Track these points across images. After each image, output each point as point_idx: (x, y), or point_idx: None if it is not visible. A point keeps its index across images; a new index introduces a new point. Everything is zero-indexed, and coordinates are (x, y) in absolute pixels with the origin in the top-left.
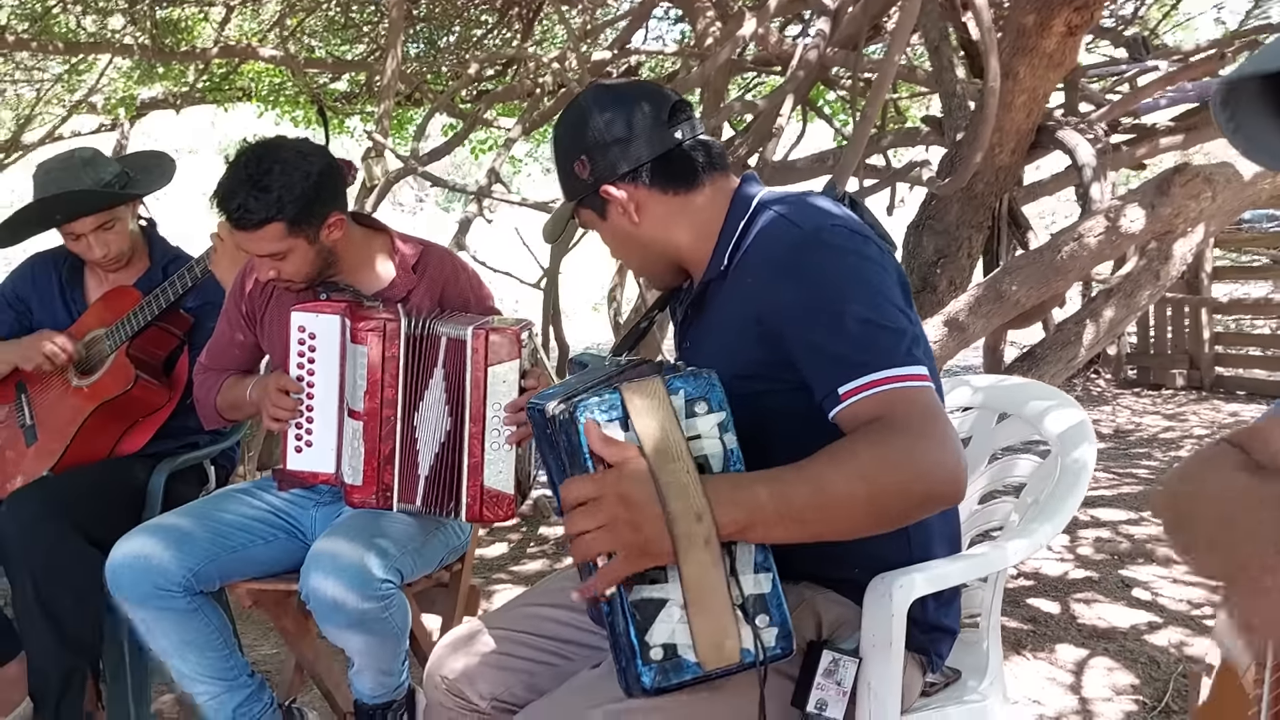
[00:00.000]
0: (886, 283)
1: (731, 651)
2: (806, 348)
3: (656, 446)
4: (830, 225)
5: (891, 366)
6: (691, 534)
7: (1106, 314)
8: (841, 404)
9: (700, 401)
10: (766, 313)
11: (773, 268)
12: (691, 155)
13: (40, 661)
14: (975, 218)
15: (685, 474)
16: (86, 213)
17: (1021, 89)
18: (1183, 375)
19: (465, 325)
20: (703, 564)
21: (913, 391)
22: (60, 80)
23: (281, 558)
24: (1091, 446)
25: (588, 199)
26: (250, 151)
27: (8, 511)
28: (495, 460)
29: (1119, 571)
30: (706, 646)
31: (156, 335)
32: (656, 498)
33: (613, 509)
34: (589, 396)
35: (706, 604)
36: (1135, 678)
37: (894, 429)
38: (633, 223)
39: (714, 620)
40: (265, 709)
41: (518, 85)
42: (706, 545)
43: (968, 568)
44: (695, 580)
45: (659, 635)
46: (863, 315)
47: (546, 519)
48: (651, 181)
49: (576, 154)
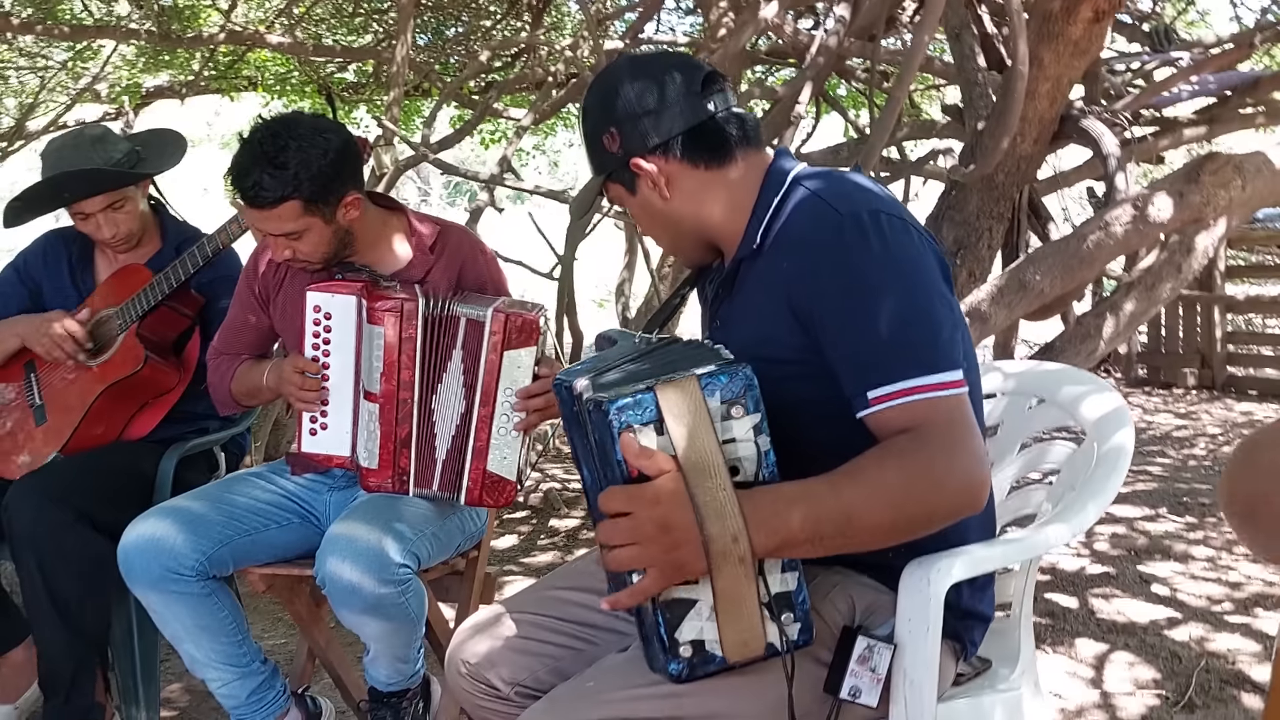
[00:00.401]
0: (924, 273)
1: (757, 648)
2: (838, 342)
3: (693, 461)
4: (869, 210)
5: (923, 373)
6: (727, 553)
7: (1127, 307)
8: (870, 408)
9: (736, 404)
10: (800, 299)
11: (808, 252)
12: (725, 128)
13: (49, 651)
14: (996, 208)
15: (721, 491)
16: (96, 192)
17: (1046, 77)
18: (1194, 374)
19: (484, 306)
20: (735, 578)
21: (941, 403)
22: (65, 68)
23: (295, 542)
24: (1130, 432)
25: (617, 173)
26: (265, 128)
27: (15, 497)
28: (500, 445)
29: (1137, 567)
30: (733, 644)
31: (167, 315)
32: (694, 520)
33: (648, 528)
34: (622, 392)
35: (736, 611)
36: (1157, 672)
37: (923, 446)
38: (663, 198)
39: (742, 623)
40: (279, 696)
41: (529, 74)
42: (740, 563)
43: (1007, 552)
44: (727, 592)
45: (687, 633)
46: (898, 310)
47: (557, 511)
48: (683, 154)
49: (606, 126)
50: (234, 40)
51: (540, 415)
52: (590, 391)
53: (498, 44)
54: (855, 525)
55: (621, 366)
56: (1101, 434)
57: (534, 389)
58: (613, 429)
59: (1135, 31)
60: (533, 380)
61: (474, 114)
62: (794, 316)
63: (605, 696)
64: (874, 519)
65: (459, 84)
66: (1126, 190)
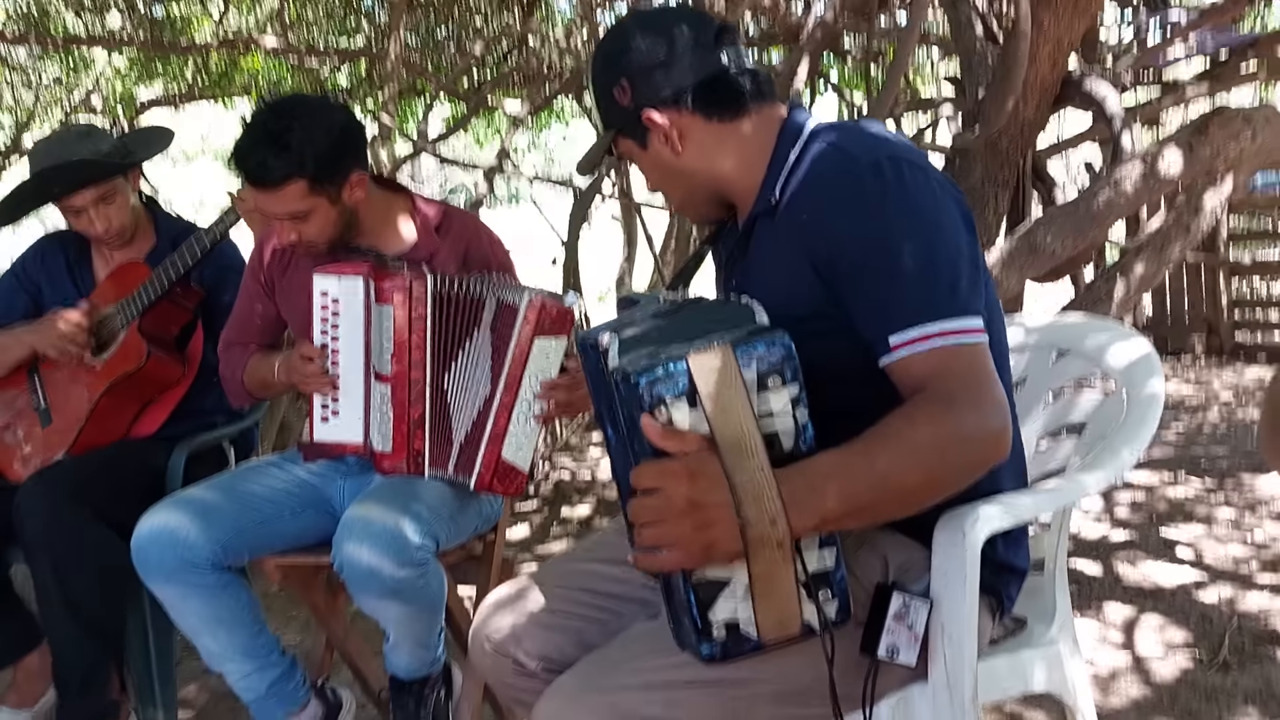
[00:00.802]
0: (945, 219)
1: (793, 628)
2: (859, 289)
3: (729, 440)
4: (889, 157)
5: (944, 318)
6: (764, 537)
7: (1137, 269)
8: (892, 354)
9: (774, 374)
10: (820, 250)
11: (827, 202)
12: (738, 81)
13: (62, 649)
14: (1000, 175)
15: (759, 472)
16: (85, 184)
17: (1046, 39)
18: (1201, 341)
19: (520, 291)
20: (772, 561)
21: (964, 350)
22: (59, 82)
23: (310, 531)
24: (1160, 379)
25: (627, 127)
26: (269, 108)
27: (26, 496)
28: (518, 433)
29: (1160, 531)
30: (769, 625)
31: (168, 310)
32: (729, 500)
33: (682, 506)
34: (652, 362)
35: (772, 593)
36: (1189, 634)
37: (950, 403)
38: (675, 151)
39: (778, 604)
40: (298, 687)
41: (522, 65)
42: (779, 546)
43: (1043, 500)
44: (763, 575)
45: (721, 613)
46: (919, 256)
47: (568, 500)
48: (695, 107)
49: (616, 78)
50: (227, 46)
51: (561, 408)
52: (617, 359)
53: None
54: (891, 491)
55: (648, 324)
56: (1131, 380)
57: (560, 381)
58: (643, 401)
59: None
60: (560, 373)
61: (469, 107)
62: (814, 270)
63: (635, 664)
64: (909, 482)
65: (453, 78)
66: (1132, 151)
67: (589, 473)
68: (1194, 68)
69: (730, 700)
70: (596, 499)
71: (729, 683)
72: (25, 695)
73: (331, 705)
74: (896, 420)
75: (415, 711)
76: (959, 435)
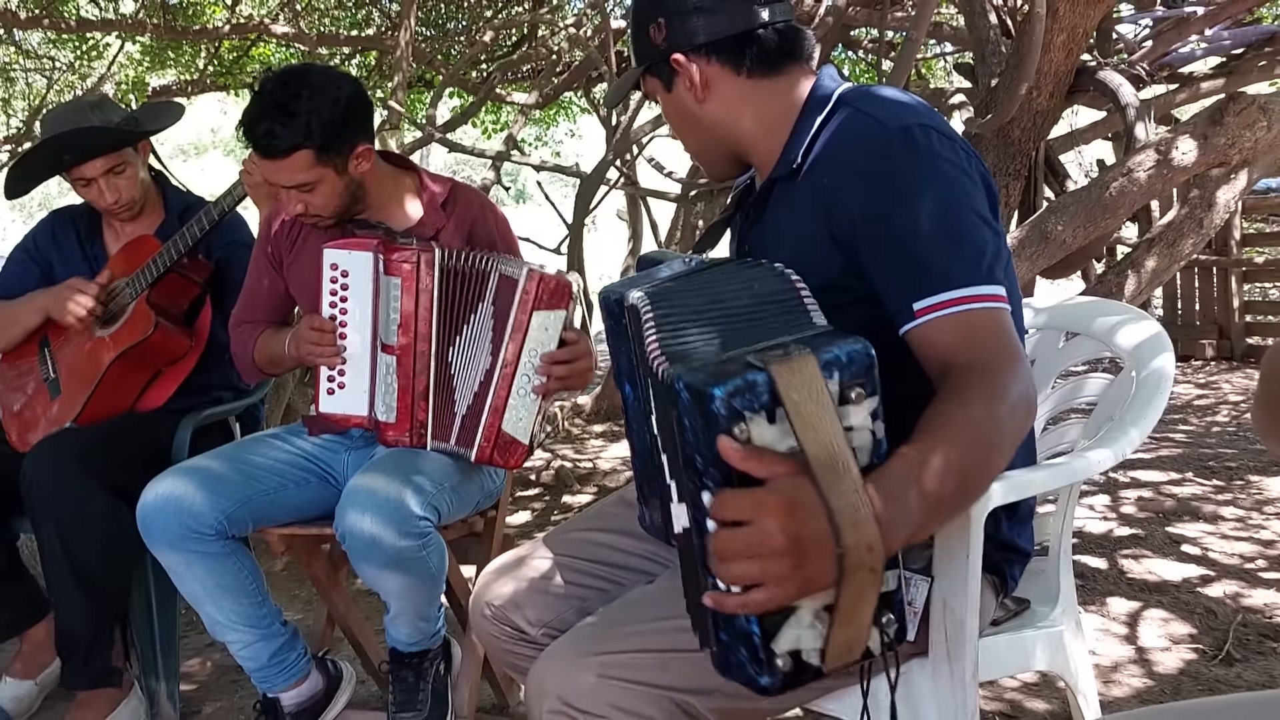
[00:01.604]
0: (972, 191)
1: (857, 653)
2: (881, 255)
3: (821, 460)
4: (918, 124)
5: (968, 285)
6: (860, 564)
7: (1148, 264)
8: (915, 320)
9: (855, 386)
10: (841, 215)
11: (851, 167)
12: (774, 39)
13: (67, 615)
14: (1012, 165)
15: (855, 494)
16: (96, 153)
17: (1060, 27)
18: (1212, 345)
19: (519, 264)
20: (862, 587)
21: (989, 315)
22: (72, 67)
23: (313, 502)
24: (1170, 356)
25: (656, 66)
26: (277, 78)
27: (33, 462)
28: (517, 406)
29: (1165, 528)
30: (837, 653)
31: (177, 283)
32: (829, 531)
33: (777, 540)
34: (727, 370)
35: (853, 620)
36: (1193, 628)
37: (990, 373)
38: (698, 99)
39: (854, 630)
40: (300, 658)
41: (532, 54)
42: (871, 572)
43: (1049, 476)
44: (851, 602)
45: (785, 642)
46: (943, 224)
47: (569, 488)
48: (727, 59)
49: (655, 16)
50: (239, 31)
51: (561, 383)
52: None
53: (501, 24)
54: (965, 481)
55: (676, 285)
56: (1140, 360)
57: (560, 354)
58: (718, 418)
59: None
60: (559, 346)
61: (478, 96)
62: (830, 237)
63: (630, 629)
64: (978, 465)
65: (462, 66)
66: (1147, 141)
67: (590, 462)
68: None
69: None
70: (598, 487)
71: None
72: (30, 666)
73: (333, 677)
74: (948, 405)
75: (414, 684)
76: (1010, 406)
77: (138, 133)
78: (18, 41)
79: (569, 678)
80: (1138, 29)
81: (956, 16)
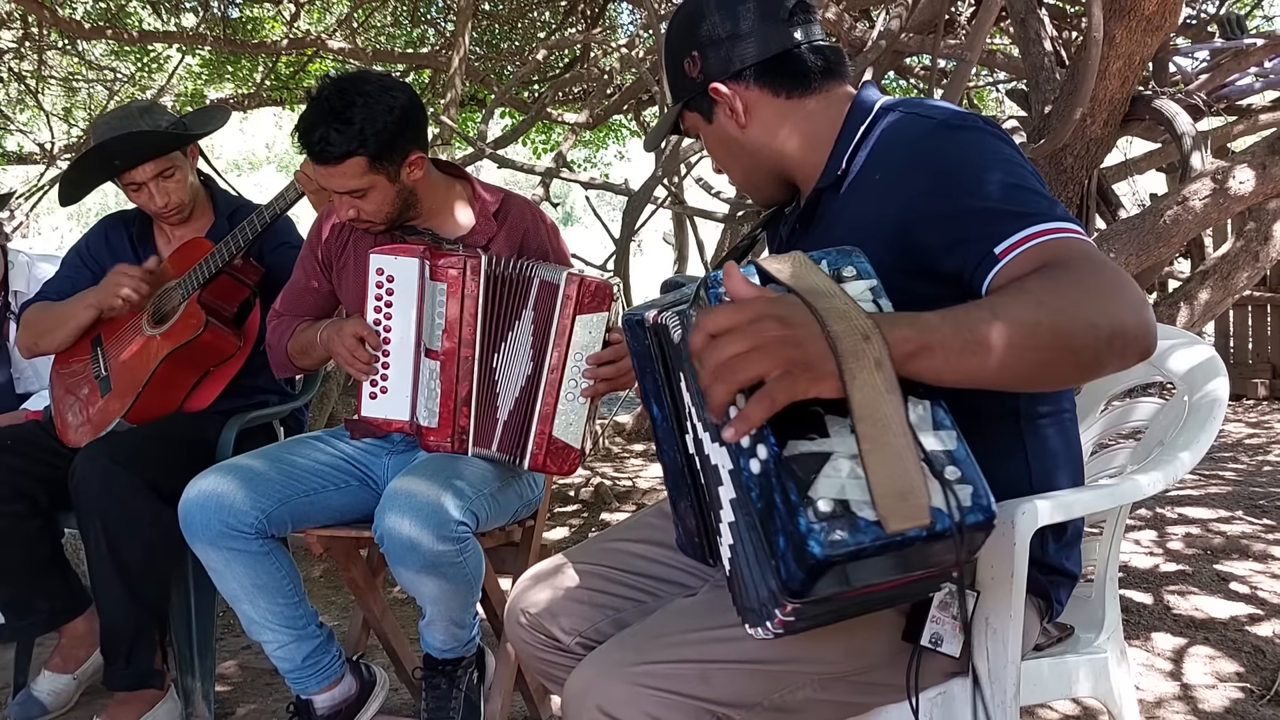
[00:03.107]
0: (1028, 167)
1: (919, 508)
2: (949, 222)
3: (805, 286)
4: (962, 113)
5: (1049, 220)
6: (859, 352)
7: (1202, 296)
8: (1000, 263)
9: (847, 267)
10: (898, 208)
11: (904, 159)
12: (808, 57)
13: (112, 616)
14: (1064, 193)
15: (842, 303)
16: (146, 157)
17: (1117, 55)
18: (1265, 384)
19: (558, 270)
20: (874, 388)
21: (1077, 244)
22: (132, 79)
23: (353, 505)
24: (1224, 382)
25: (695, 100)
26: (333, 84)
27: (83, 461)
28: (567, 411)
29: (1213, 566)
30: (887, 494)
31: (228, 284)
32: (815, 321)
33: (766, 328)
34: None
35: (883, 439)
36: (1240, 666)
37: (1065, 269)
38: (739, 125)
39: (893, 460)
40: (334, 661)
41: (584, 73)
42: (878, 367)
43: (1097, 497)
44: (868, 407)
45: (826, 489)
46: (1008, 180)
47: (608, 505)
48: (763, 82)
49: (688, 50)
50: (296, 46)
51: (609, 384)
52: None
53: (554, 43)
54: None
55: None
56: (1193, 384)
57: (605, 355)
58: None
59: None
60: (603, 348)
61: (530, 113)
62: (892, 233)
63: (672, 639)
64: (1026, 314)
65: (515, 83)
66: (1203, 169)
67: (629, 480)
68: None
69: (767, 679)
70: (636, 505)
71: (767, 662)
72: (69, 660)
73: (366, 682)
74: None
75: (447, 691)
76: (1081, 288)
77: (185, 135)
78: (80, 52)
79: (608, 687)
80: (1195, 62)
81: (1010, 46)
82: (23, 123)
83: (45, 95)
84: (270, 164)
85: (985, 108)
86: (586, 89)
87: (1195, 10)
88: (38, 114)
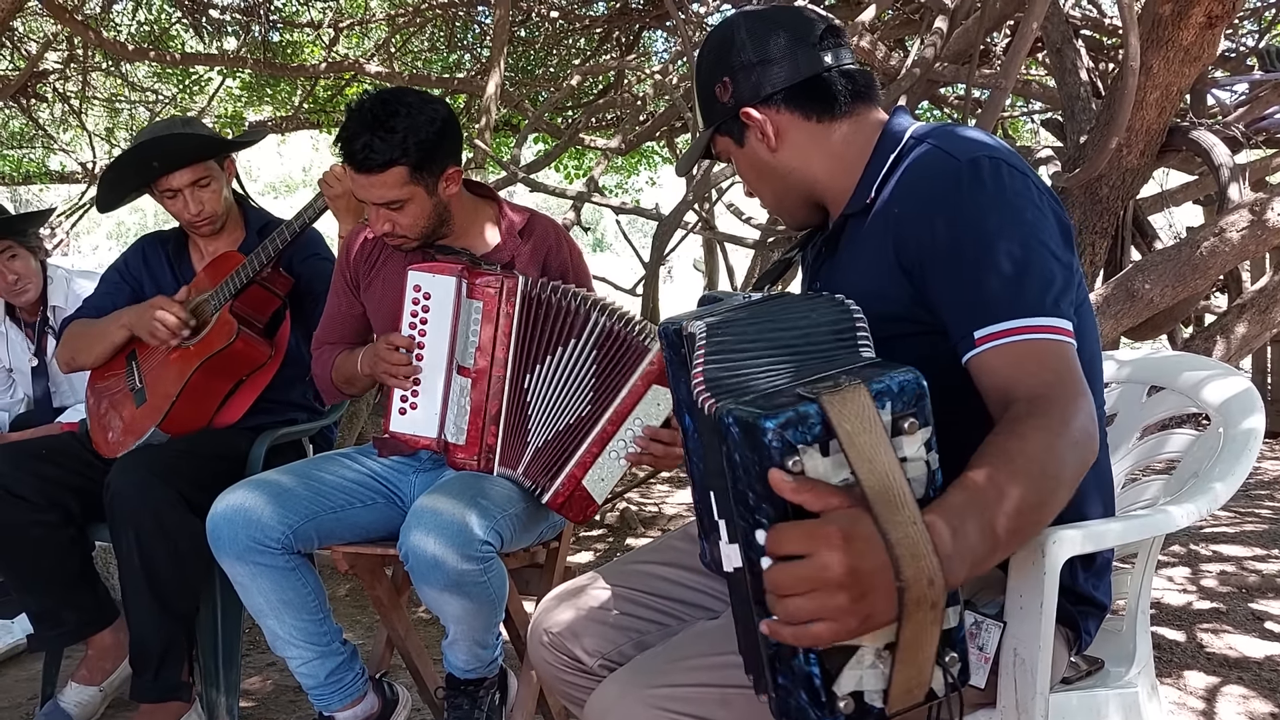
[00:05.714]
0: (1039, 222)
1: (919, 694)
2: (946, 284)
3: (877, 491)
4: (988, 157)
5: (1031, 315)
6: (921, 599)
7: (1239, 330)
8: (976, 349)
9: (908, 417)
10: (910, 244)
11: (921, 197)
12: (838, 81)
13: (141, 628)
14: (1099, 224)
15: (913, 526)
16: (184, 160)
17: (1155, 85)
18: None
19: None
20: (923, 624)
21: (1051, 346)
22: (174, 101)
23: (380, 522)
24: (1260, 416)
25: (726, 124)
26: (375, 96)
27: (117, 474)
28: (604, 465)
29: (1248, 604)
30: (899, 694)
31: (259, 293)
32: (888, 564)
33: (835, 574)
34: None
35: (915, 658)
36: (1274, 707)
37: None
38: (770, 149)
39: (917, 670)
40: (357, 678)
41: (618, 99)
42: (932, 608)
43: (1128, 528)
44: (913, 639)
45: (847, 684)
46: (1012, 254)
47: (634, 530)
48: (794, 106)
49: (719, 75)
50: (335, 70)
51: (654, 460)
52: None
53: (588, 69)
54: (1023, 515)
55: (733, 314)
56: (1229, 416)
57: (664, 434)
58: (770, 451)
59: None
60: (663, 426)
61: (563, 138)
62: (900, 266)
63: (692, 662)
64: (1035, 494)
65: (549, 108)
66: (1241, 200)
67: (655, 506)
68: None
69: None
70: (661, 530)
71: None
72: (95, 672)
73: (389, 700)
74: (1004, 439)
75: (469, 712)
76: (1071, 439)
77: (223, 140)
78: (124, 73)
79: (629, 709)
80: (1233, 94)
81: (1046, 77)
82: (65, 142)
83: (88, 115)
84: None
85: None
86: (619, 115)
87: (1234, 43)
88: (80, 134)
